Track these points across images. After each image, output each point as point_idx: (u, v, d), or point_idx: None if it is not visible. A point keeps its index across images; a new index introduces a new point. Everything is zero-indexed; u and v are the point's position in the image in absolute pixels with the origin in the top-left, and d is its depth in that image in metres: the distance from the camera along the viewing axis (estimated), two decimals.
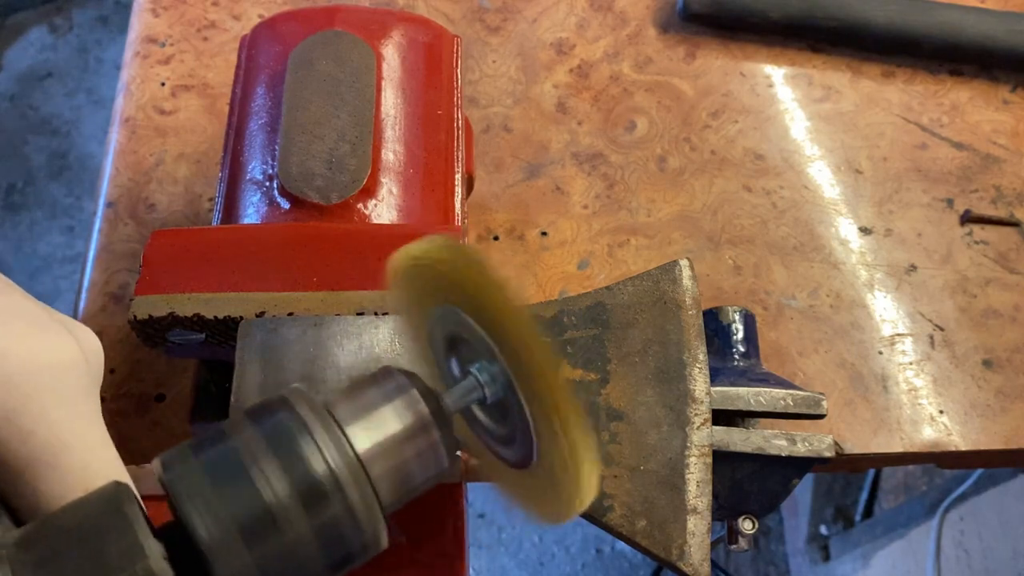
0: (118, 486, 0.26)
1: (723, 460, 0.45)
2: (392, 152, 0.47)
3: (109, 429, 0.56)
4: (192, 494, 0.25)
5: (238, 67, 0.53)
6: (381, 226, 0.45)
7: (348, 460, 0.27)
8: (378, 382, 0.30)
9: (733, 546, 0.46)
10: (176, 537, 0.25)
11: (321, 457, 0.26)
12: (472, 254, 0.29)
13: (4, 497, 0.27)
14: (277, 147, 0.47)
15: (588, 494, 0.28)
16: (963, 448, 0.60)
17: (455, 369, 0.33)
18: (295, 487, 0.26)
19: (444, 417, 0.30)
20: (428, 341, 0.34)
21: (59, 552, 0.24)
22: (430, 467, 0.30)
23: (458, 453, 0.39)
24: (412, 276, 0.32)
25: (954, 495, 1.13)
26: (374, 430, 0.28)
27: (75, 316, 0.61)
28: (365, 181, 0.45)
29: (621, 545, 1.55)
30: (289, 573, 0.26)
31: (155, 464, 0.27)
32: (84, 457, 0.29)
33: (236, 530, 0.25)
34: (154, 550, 0.24)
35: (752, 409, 0.46)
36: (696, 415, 0.39)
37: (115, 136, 0.70)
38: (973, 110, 0.74)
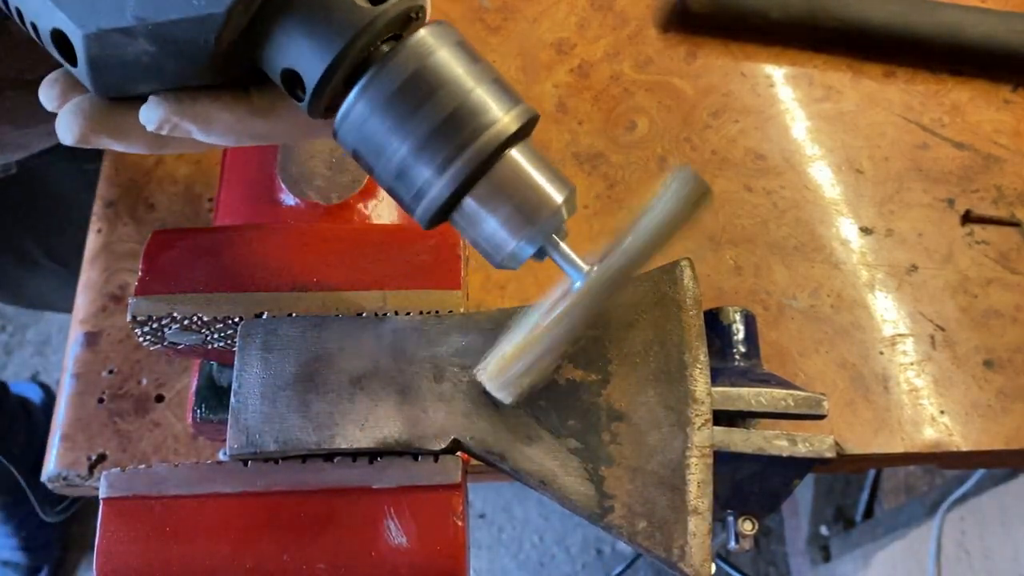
0: None
1: (724, 461, 0.45)
2: None
3: (109, 429, 0.56)
4: (436, 32, 0.31)
5: None
6: (381, 226, 0.45)
7: (497, 135, 0.32)
8: (559, 173, 0.35)
9: (734, 546, 0.46)
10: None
11: (494, 116, 0.31)
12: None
13: None
14: (277, 147, 0.46)
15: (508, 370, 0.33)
16: (964, 448, 0.59)
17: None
18: (462, 105, 0.31)
19: (545, 236, 0.34)
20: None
21: None
22: (498, 234, 0.33)
23: (457, 454, 0.39)
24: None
25: (955, 495, 1.13)
26: (527, 159, 0.34)
27: (75, 316, 0.61)
28: (365, 181, 0.45)
29: (621, 546, 1.55)
30: (399, 114, 0.30)
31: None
32: None
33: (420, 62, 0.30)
34: None
35: (753, 410, 0.46)
36: (697, 416, 0.39)
37: None
38: (974, 110, 0.74)
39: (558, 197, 0.33)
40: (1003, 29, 0.74)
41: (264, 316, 0.40)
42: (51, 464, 0.56)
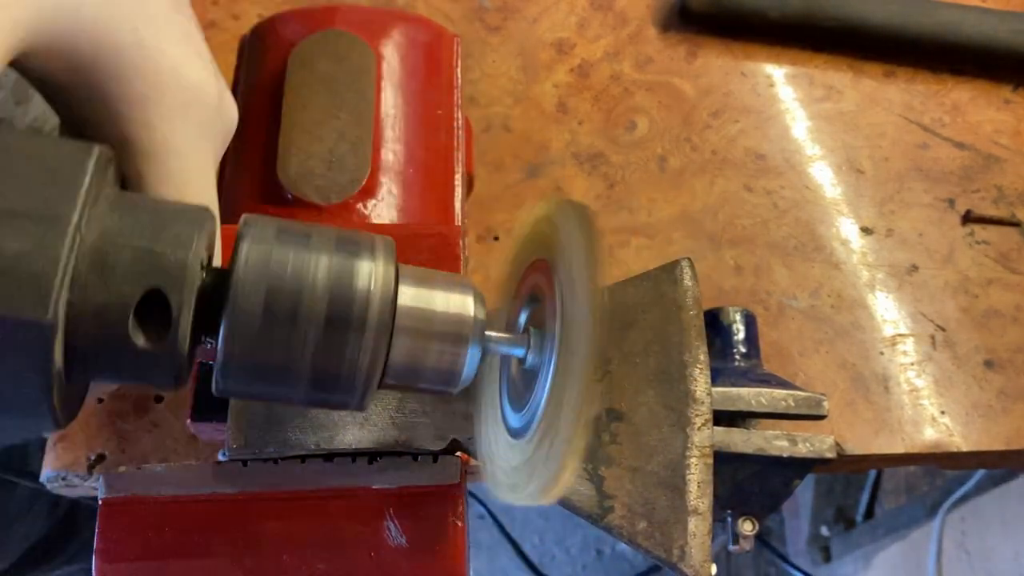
0: (206, 210, 0.28)
1: (724, 461, 0.45)
2: (392, 152, 0.47)
3: (108, 429, 0.56)
4: (257, 239, 0.27)
5: (238, 67, 0.53)
6: (381, 226, 0.45)
7: (385, 300, 0.28)
8: (450, 276, 0.31)
9: (734, 547, 0.46)
10: (217, 277, 0.27)
11: (369, 282, 0.28)
12: (584, 222, 0.29)
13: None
14: (277, 147, 0.46)
15: (555, 492, 0.28)
16: (964, 449, 0.59)
17: (521, 321, 0.33)
18: (333, 288, 0.27)
19: (481, 341, 0.30)
20: (513, 292, 0.35)
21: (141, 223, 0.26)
22: (443, 364, 0.30)
23: (457, 454, 0.39)
24: (533, 231, 0.33)
25: (955, 496, 1.13)
26: (421, 298, 0.29)
27: None
28: (365, 181, 0.45)
29: (621, 546, 1.55)
30: (278, 354, 0.27)
31: (241, 219, 0.28)
32: (186, 177, 0.31)
33: (266, 284, 0.26)
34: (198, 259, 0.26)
35: (753, 410, 0.46)
36: (697, 416, 0.39)
37: None
38: (974, 110, 0.74)
39: (467, 307, 0.30)
40: (1004, 29, 0.74)
41: None
42: (50, 464, 0.56)
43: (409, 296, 0.29)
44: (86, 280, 0.24)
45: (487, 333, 0.30)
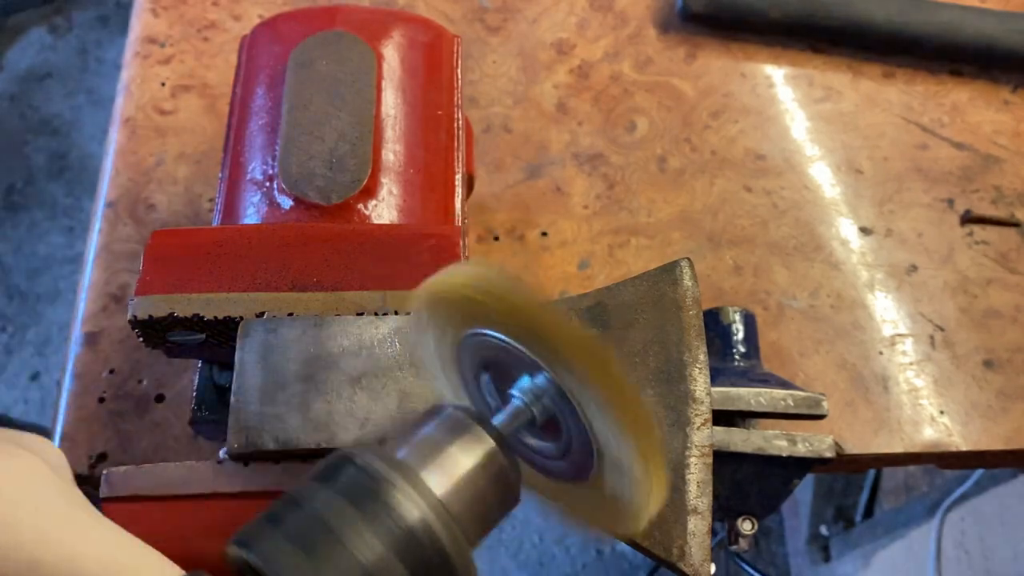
0: None
1: (724, 460, 0.45)
2: (392, 152, 0.47)
3: (109, 429, 0.56)
4: (290, 570, 0.25)
5: (238, 67, 0.53)
6: (381, 226, 0.45)
7: (432, 505, 0.27)
8: (435, 420, 0.29)
9: (733, 547, 0.46)
10: None
11: (407, 507, 0.26)
12: (502, 279, 0.28)
13: None
14: (277, 147, 0.46)
15: (660, 499, 0.28)
16: (964, 448, 0.59)
17: (488, 394, 0.33)
18: (389, 542, 0.25)
19: (505, 444, 0.29)
20: (453, 370, 0.33)
21: None
22: (504, 495, 0.29)
23: None
24: (436, 307, 0.31)
25: (955, 495, 1.13)
26: (447, 471, 0.28)
27: (75, 316, 0.61)
28: (365, 181, 0.45)
29: (621, 546, 1.55)
30: None
31: (231, 549, 0.26)
32: (104, 560, 0.27)
33: None
34: None
35: (753, 409, 0.46)
36: (697, 415, 0.39)
37: (115, 136, 0.70)
38: (973, 110, 0.74)
39: (487, 441, 0.29)
40: (1003, 29, 0.74)
41: (264, 316, 0.40)
42: None
43: (438, 481, 0.28)
44: None
45: (501, 435, 0.30)
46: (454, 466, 0.28)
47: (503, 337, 0.29)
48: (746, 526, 0.46)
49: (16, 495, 0.26)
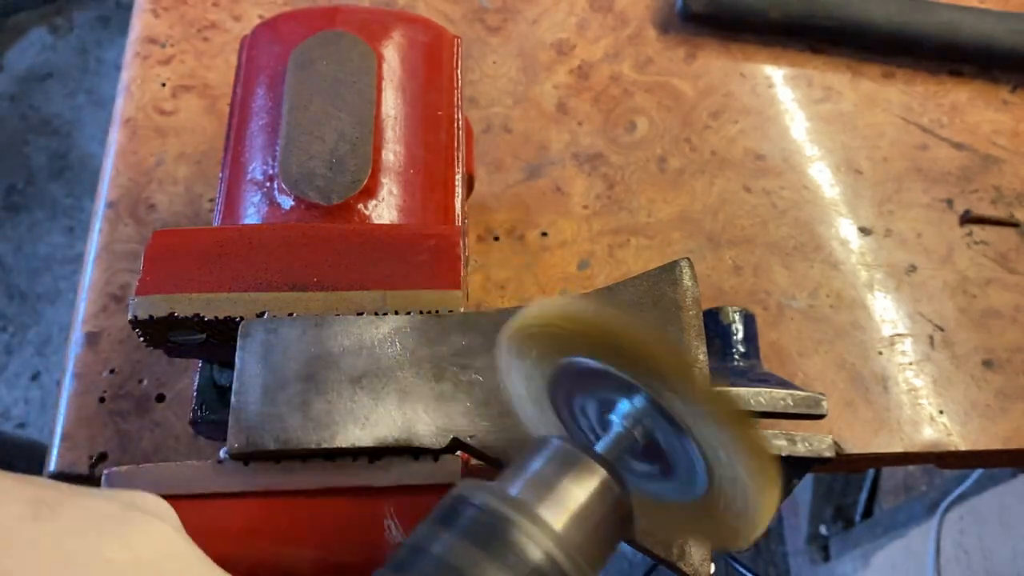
0: None
1: None
2: (392, 152, 0.47)
3: (109, 429, 0.56)
4: None
5: (238, 68, 0.53)
6: (381, 226, 0.45)
7: (556, 541, 0.27)
8: (543, 453, 0.29)
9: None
10: None
11: (531, 546, 0.26)
12: (592, 307, 0.29)
13: None
14: (277, 147, 0.47)
15: (774, 507, 0.28)
16: (963, 448, 0.59)
17: (584, 425, 0.32)
18: None
19: (615, 471, 0.29)
20: (547, 404, 0.33)
21: None
22: (620, 522, 0.29)
23: (457, 453, 0.39)
24: (525, 341, 0.31)
25: (954, 495, 1.13)
26: (563, 505, 0.28)
27: (76, 316, 0.61)
28: (365, 181, 0.45)
29: (622, 545, 1.55)
30: None
31: None
32: None
33: None
34: None
35: (752, 409, 0.46)
36: None
37: (115, 136, 0.70)
38: (973, 110, 0.74)
39: (600, 473, 0.29)
40: (1002, 29, 0.74)
41: (264, 316, 0.40)
42: (52, 463, 0.56)
43: (557, 517, 0.28)
44: None
45: (609, 462, 0.30)
46: (570, 499, 0.28)
47: (598, 364, 0.29)
48: None
49: (164, 569, 0.27)
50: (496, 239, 0.66)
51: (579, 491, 0.28)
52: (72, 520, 0.26)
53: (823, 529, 1.46)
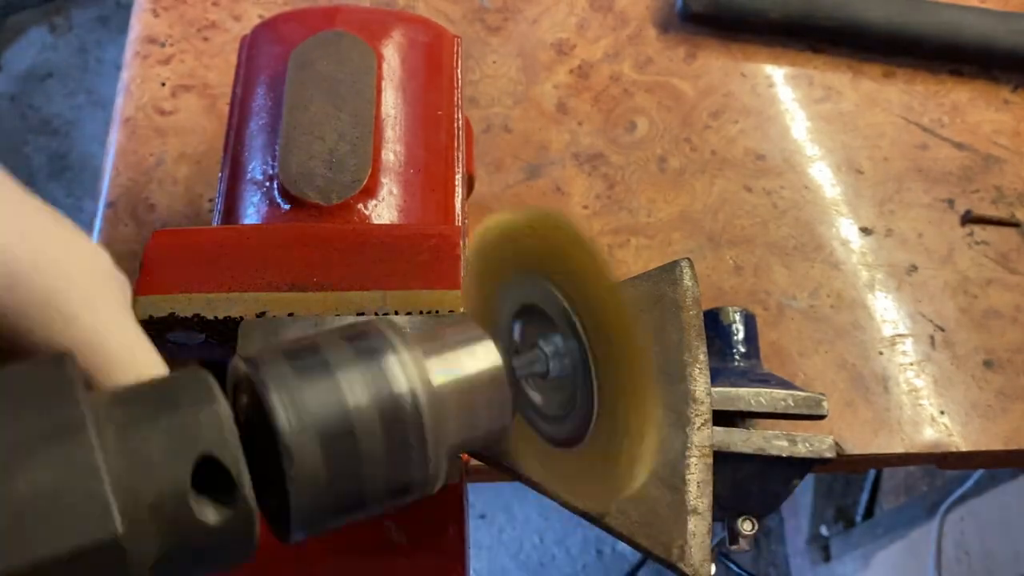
0: (199, 370, 0.25)
1: (724, 461, 0.45)
2: (392, 152, 0.47)
3: None
4: (279, 385, 0.25)
5: (238, 67, 0.53)
6: (381, 226, 0.45)
7: (428, 388, 0.27)
8: (458, 327, 0.30)
9: (734, 547, 0.46)
10: (252, 427, 0.25)
11: (405, 379, 0.27)
12: (571, 226, 0.29)
13: None
14: (277, 147, 0.46)
15: (647, 469, 0.28)
16: (964, 449, 0.59)
17: (517, 337, 0.33)
18: (377, 401, 0.26)
19: (512, 373, 0.30)
20: (493, 307, 0.34)
21: (149, 414, 0.23)
22: (494, 420, 0.30)
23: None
24: (499, 243, 0.32)
25: (955, 496, 1.13)
26: (453, 368, 0.29)
27: None
28: (365, 181, 0.45)
29: (621, 546, 1.55)
30: (350, 489, 0.26)
31: (234, 361, 0.27)
32: (130, 347, 0.28)
33: (316, 429, 0.25)
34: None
35: (753, 410, 0.46)
36: (697, 415, 0.39)
37: (115, 136, 0.70)
38: (974, 110, 0.74)
39: (495, 354, 0.30)
40: (1003, 29, 0.74)
41: (264, 316, 0.40)
42: None
43: (442, 373, 0.28)
44: (129, 480, 0.22)
45: (511, 365, 0.30)
46: (458, 365, 0.29)
47: (550, 287, 0.30)
48: (746, 526, 0.46)
49: (87, 263, 0.29)
50: None
51: (470, 363, 0.29)
52: None
53: (824, 530, 1.46)
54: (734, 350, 0.54)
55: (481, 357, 0.29)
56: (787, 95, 0.75)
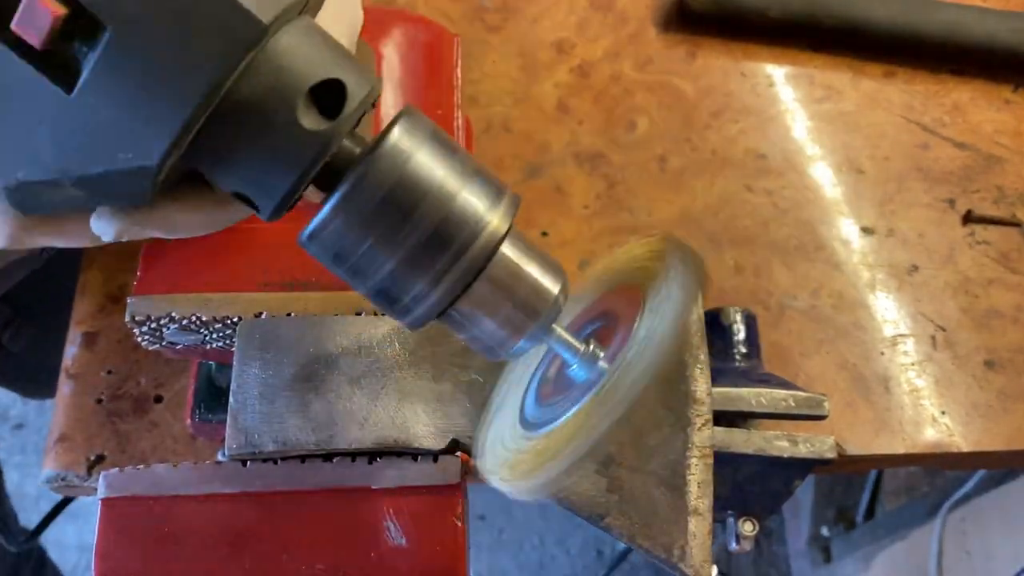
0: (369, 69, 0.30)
1: (724, 461, 0.44)
2: None
3: (107, 430, 0.55)
4: (411, 127, 0.29)
5: None
6: None
7: (491, 241, 0.29)
8: (552, 259, 0.32)
9: (734, 547, 0.46)
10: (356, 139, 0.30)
11: (483, 218, 0.29)
12: (691, 268, 0.31)
13: None
14: None
15: (544, 489, 0.29)
16: (965, 449, 0.59)
17: (585, 331, 0.35)
18: (451, 208, 0.28)
19: (548, 325, 0.31)
20: (587, 303, 0.36)
21: None
22: (501, 332, 0.31)
23: (457, 454, 0.39)
24: (626, 258, 0.35)
25: (956, 496, 1.13)
26: (519, 258, 0.31)
27: (74, 316, 0.61)
28: None
29: (621, 546, 1.55)
30: (373, 241, 0.28)
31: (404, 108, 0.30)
32: None
33: (399, 171, 0.28)
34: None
35: (753, 410, 0.46)
36: (697, 416, 0.39)
37: None
38: (975, 110, 0.74)
39: (554, 288, 0.31)
40: (1004, 29, 0.74)
41: (263, 316, 0.40)
42: (50, 465, 0.56)
43: (510, 251, 0.30)
44: (278, 48, 0.26)
45: (554, 326, 0.32)
46: (527, 262, 0.31)
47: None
48: (747, 527, 0.46)
49: None
50: None
51: (535, 270, 0.31)
52: None
53: (825, 530, 1.45)
54: (735, 350, 0.54)
55: (546, 279, 0.31)
56: (788, 95, 0.74)
